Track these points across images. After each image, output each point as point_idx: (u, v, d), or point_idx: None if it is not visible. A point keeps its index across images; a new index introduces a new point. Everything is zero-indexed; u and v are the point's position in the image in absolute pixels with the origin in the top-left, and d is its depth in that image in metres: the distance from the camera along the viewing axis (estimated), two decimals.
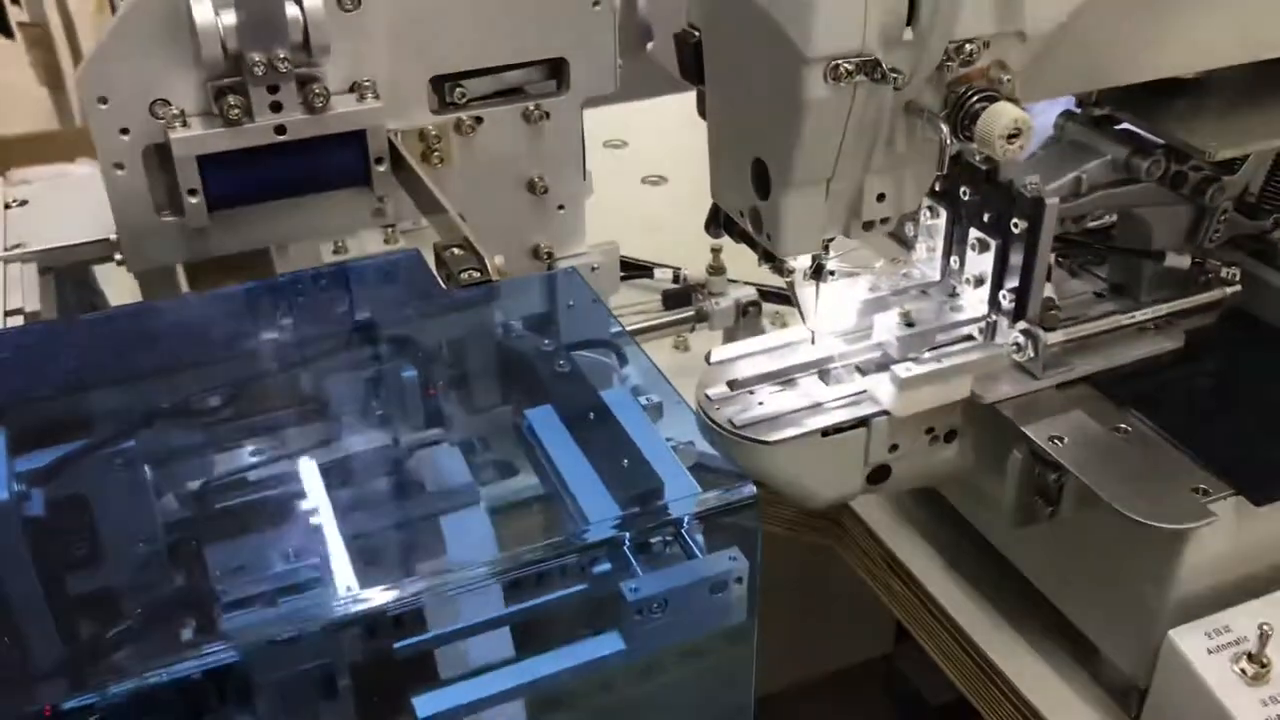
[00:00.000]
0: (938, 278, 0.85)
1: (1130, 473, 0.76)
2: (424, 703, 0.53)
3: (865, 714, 1.54)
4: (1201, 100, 0.82)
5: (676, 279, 1.18)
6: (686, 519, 0.56)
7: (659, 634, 0.56)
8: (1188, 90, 0.82)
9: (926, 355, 0.81)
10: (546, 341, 0.67)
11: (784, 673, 1.52)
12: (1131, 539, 0.74)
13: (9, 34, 2.41)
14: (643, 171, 1.48)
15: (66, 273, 0.94)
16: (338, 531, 0.61)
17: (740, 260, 0.92)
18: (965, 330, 0.83)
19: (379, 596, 0.53)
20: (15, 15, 2.45)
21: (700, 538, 0.58)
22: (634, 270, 1.20)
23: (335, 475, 0.65)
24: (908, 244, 0.89)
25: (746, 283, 1.10)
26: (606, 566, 0.56)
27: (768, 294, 1.12)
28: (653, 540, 0.57)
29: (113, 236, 0.82)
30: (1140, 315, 0.84)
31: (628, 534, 0.55)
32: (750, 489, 0.55)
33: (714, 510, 0.55)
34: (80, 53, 2.66)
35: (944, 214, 0.83)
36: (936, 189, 0.82)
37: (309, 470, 0.65)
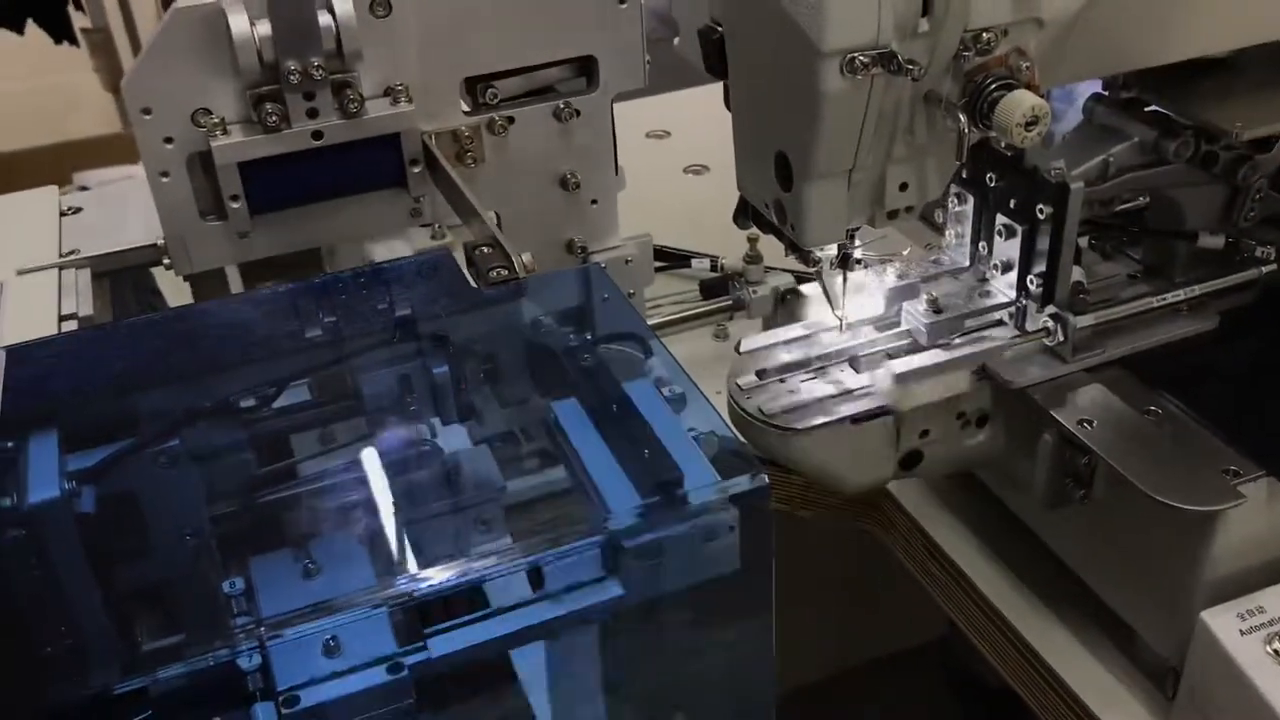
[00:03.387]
0: (966, 264, 0.86)
1: (1160, 455, 0.75)
2: (437, 643, 0.55)
3: (923, 697, 1.54)
4: (1230, 80, 0.81)
5: (714, 268, 1.19)
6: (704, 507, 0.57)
7: (655, 580, 0.57)
8: (1216, 70, 0.82)
9: (957, 340, 0.82)
10: (572, 336, 0.69)
11: (841, 656, 1.53)
12: (1163, 521, 0.74)
13: (74, 41, 2.48)
14: (685, 161, 1.49)
15: (127, 276, 0.98)
16: (377, 522, 0.64)
17: (779, 248, 0.93)
18: (995, 315, 0.83)
19: (412, 585, 0.55)
20: (79, 21, 2.52)
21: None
22: (672, 260, 1.21)
23: (371, 469, 0.67)
24: (939, 229, 0.89)
25: (785, 270, 1.11)
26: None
27: (806, 281, 1.12)
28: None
29: (160, 241, 0.85)
30: (1172, 297, 0.84)
31: (647, 523, 0.57)
32: (762, 478, 0.56)
33: (726, 498, 0.57)
34: None
35: (971, 200, 0.83)
36: (964, 175, 0.83)
37: (346, 465, 0.68)
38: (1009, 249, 0.81)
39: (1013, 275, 0.82)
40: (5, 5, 2.22)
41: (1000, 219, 0.81)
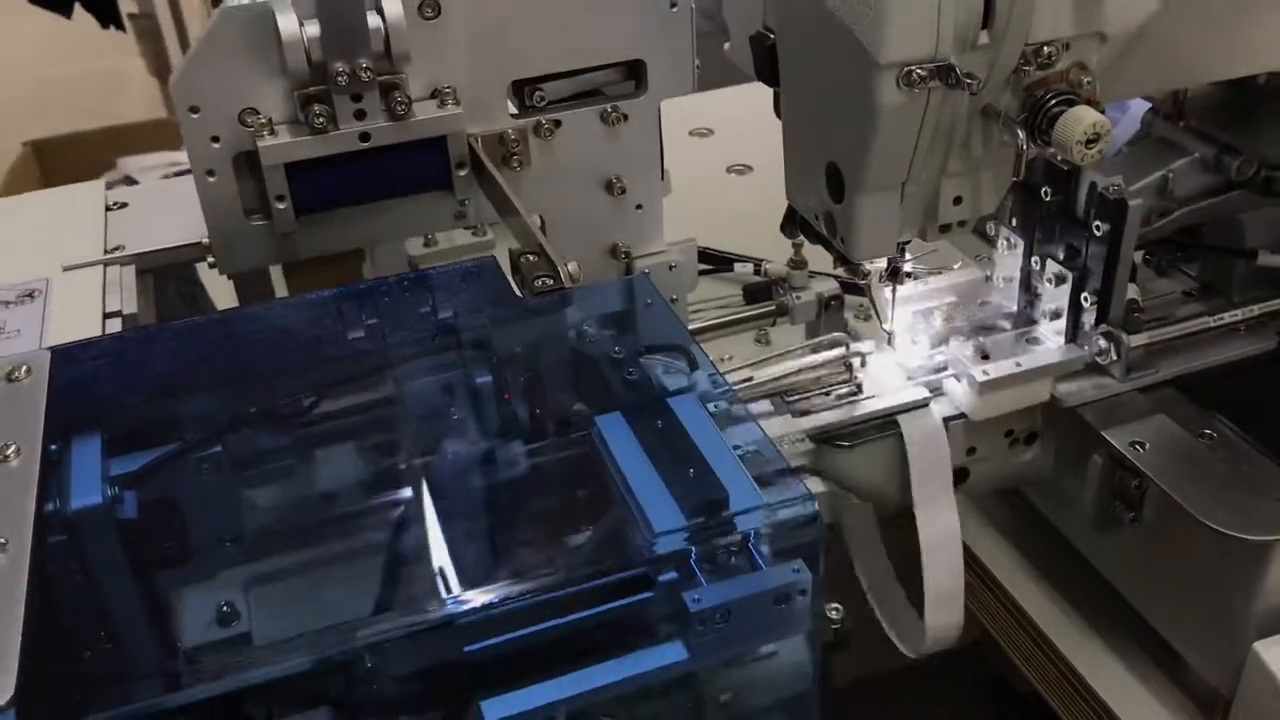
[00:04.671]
0: (1014, 309, 0.84)
1: (1214, 481, 0.74)
2: (490, 707, 0.54)
3: (953, 702, 1.53)
4: None
5: (758, 271, 1.18)
6: (752, 533, 0.57)
7: (721, 644, 0.56)
8: (1274, 99, 0.80)
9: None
10: (617, 348, 0.68)
11: (872, 659, 1.52)
12: (1216, 548, 0.73)
13: (120, 25, 2.50)
14: (728, 160, 1.48)
15: (171, 268, 0.98)
16: (416, 535, 0.63)
17: (823, 253, 0.92)
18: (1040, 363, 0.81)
19: (452, 603, 0.55)
20: (126, 7, 2.54)
21: (765, 547, 0.58)
22: (715, 263, 1.20)
23: (413, 479, 0.67)
24: (991, 241, 0.87)
25: (829, 275, 1.10)
26: (672, 575, 0.57)
27: (850, 287, 1.11)
28: (718, 551, 0.57)
29: (205, 240, 0.85)
30: (1229, 316, 0.82)
31: (694, 547, 0.56)
32: (811, 506, 0.55)
33: (776, 526, 0.56)
34: (188, 42, 2.75)
35: (1020, 244, 0.82)
36: (1014, 223, 0.81)
37: (387, 473, 0.68)
38: (1058, 296, 0.80)
39: (1061, 323, 0.80)
40: None
41: (1051, 267, 0.80)
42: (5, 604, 0.51)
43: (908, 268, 0.82)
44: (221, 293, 1.17)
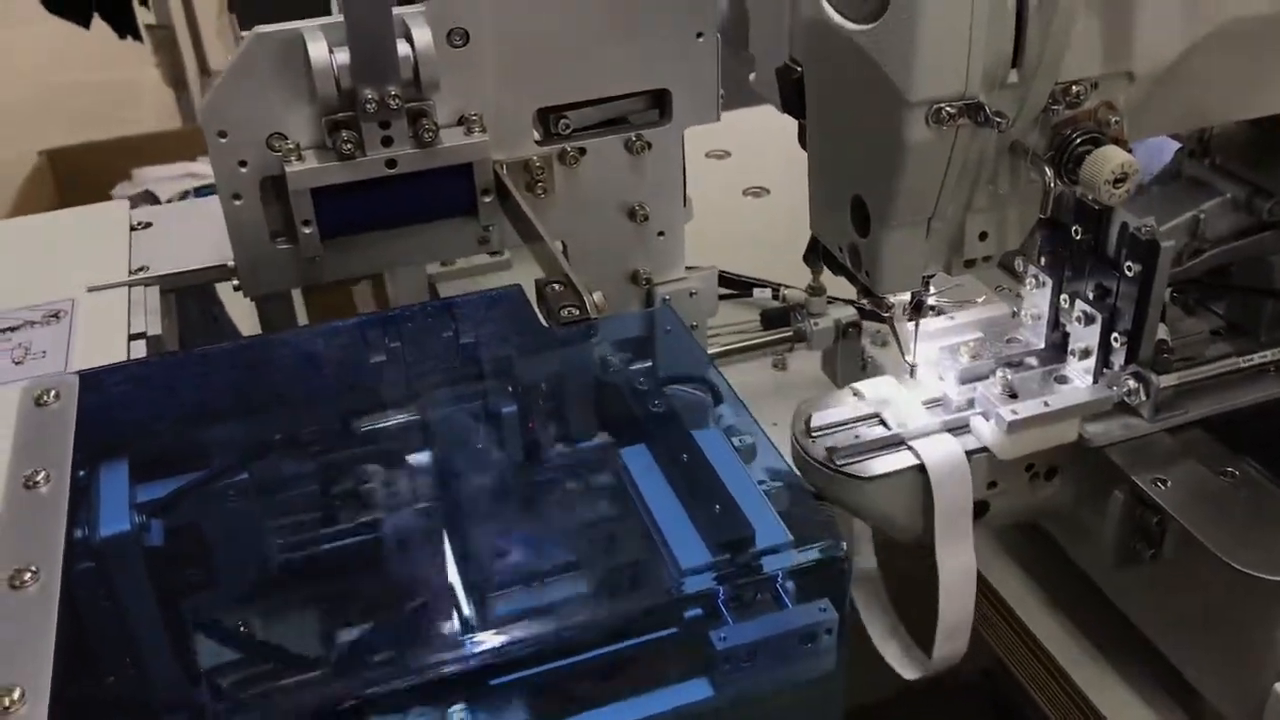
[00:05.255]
0: (1042, 345, 0.84)
1: (1236, 519, 0.74)
2: None
3: None
4: None
5: (776, 297, 1.18)
6: (780, 572, 0.57)
7: (747, 682, 0.56)
8: None
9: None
10: (641, 380, 0.69)
11: (885, 683, 1.52)
12: (1237, 587, 0.73)
13: (137, 36, 2.50)
14: (745, 183, 1.48)
15: (192, 288, 0.98)
16: (440, 568, 0.63)
17: (841, 279, 0.92)
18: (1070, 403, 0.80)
19: (480, 642, 0.55)
20: (143, 18, 2.55)
21: (791, 584, 0.58)
22: (734, 288, 1.20)
23: (437, 509, 0.67)
24: (1017, 276, 0.87)
25: (847, 301, 1.10)
26: (697, 612, 0.57)
27: (868, 314, 1.11)
28: (744, 589, 0.57)
29: (230, 262, 0.85)
30: (1259, 358, 0.81)
31: (721, 587, 0.56)
32: (840, 547, 0.55)
33: (805, 566, 0.56)
34: (204, 54, 2.76)
35: (1049, 282, 0.82)
36: (1043, 261, 0.81)
37: (410, 503, 0.68)
38: (1087, 335, 0.79)
39: (1089, 362, 0.80)
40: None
41: (1080, 306, 0.79)
42: (38, 632, 0.52)
43: (931, 301, 0.82)
44: (241, 310, 1.18)
